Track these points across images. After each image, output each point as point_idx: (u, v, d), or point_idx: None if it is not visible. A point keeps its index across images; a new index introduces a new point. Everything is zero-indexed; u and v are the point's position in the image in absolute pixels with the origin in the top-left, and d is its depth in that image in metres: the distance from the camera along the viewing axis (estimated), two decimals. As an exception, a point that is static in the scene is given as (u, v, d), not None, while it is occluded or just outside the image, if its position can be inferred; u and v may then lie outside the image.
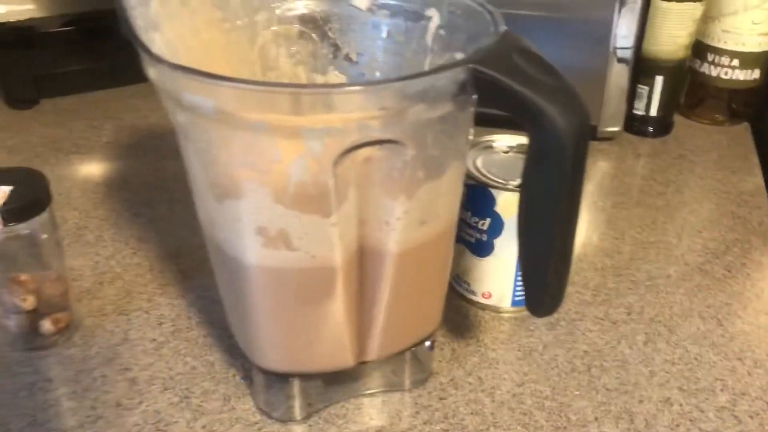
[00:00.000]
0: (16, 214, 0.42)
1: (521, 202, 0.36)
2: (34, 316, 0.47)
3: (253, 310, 0.38)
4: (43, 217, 0.44)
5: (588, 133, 0.33)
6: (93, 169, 0.68)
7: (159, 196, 0.64)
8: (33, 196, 0.43)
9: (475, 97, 0.33)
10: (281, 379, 0.41)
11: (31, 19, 0.78)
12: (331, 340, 0.39)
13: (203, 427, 0.42)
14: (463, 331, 0.49)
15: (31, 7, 0.76)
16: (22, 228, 0.43)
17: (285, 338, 0.39)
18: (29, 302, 0.46)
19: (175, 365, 0.46)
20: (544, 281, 0.37)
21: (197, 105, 0.31)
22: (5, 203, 0.42)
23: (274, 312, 0.38)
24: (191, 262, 0.56)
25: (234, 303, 0.40)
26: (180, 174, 0.66)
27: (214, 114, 0.31)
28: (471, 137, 0.38)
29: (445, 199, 0.37)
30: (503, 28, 0.35)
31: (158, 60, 0.31)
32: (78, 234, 0.58)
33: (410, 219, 0.36)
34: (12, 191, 0.43)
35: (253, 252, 0.35)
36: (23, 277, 0.46)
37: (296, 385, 0.42)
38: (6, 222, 0.42)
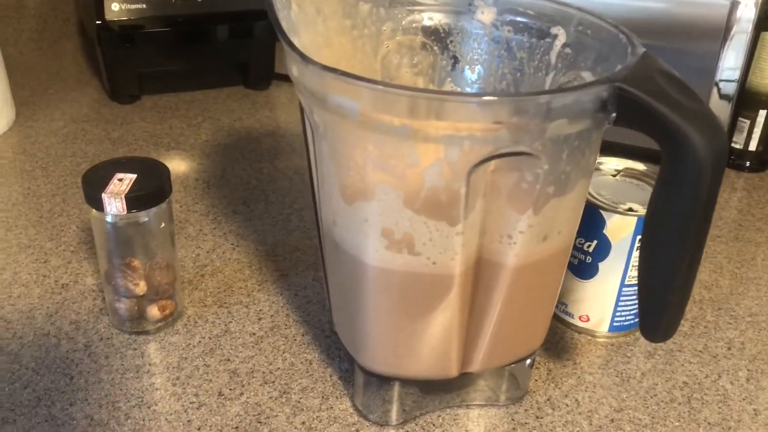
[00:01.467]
0: (139, 202, 0.44)
1: (647, 224, 0.35)
2: (143, 301, 0.48)
3: (366, 310, 0.38)
4: (163, 207, 0.46)
5: (725, 161, 0.33)
6: (192, 165, 0.70)
7: (255, 196, 0.65)
8: (155, 185, 0.45)
9: (613, 115, 0.33)
10: (382, 381, 0.42)
11: (139, 18, 0.81)
12: (438, 348, 0.39)
13: (302, 423, 0.43)
14: (558, 352, 0.49)
15: (142, 6, 0.79)
16: (142, 216, 0.45)
17: (393, 341, 0.40)
18: (140, 287, 0.47)
19: (275, 360, 0.47)
20: (663, 306, 0.36)
21: (342, 106, 0.32)
22: (130, 191, 0.44)
23: (386, 314, 0.38)
24: (288, 262, 0.57)
25: (345, 301, 0.41)
26: (275, 176, 0.68)
27: (357, 116, 0.32)
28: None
29: (568, 215, 0.37)
30: (642, 49, 0.35)
31: (308, 61, 0.32)
32: (180, 227, 0.60)
33: (533, 233, 0.36)
34: (136, 179, 0.45)
35: (375, 253, 0.36)
36: (136, 262, 0.48)
37: (396, 389, 0.42)
38: (129, 208, 0.44)
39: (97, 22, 0.77)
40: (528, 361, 0.44)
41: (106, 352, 0.47)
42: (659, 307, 0.37)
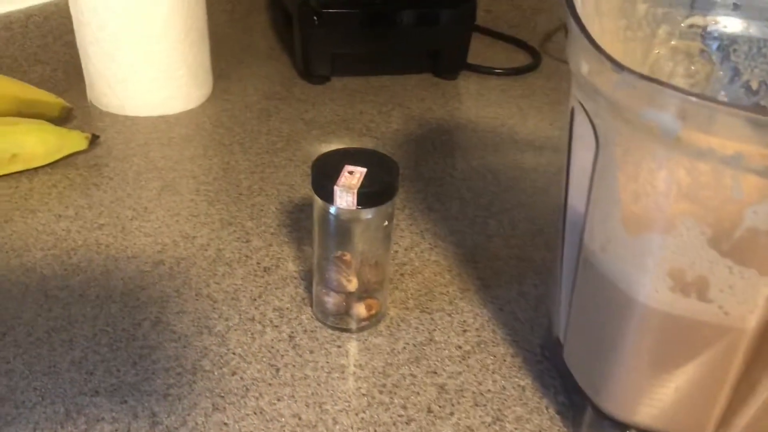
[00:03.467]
0: (369, 199, 0.42)
1: None
2: (350, 298, 0.46)
3: (622, 352, 0.34)
4: (389, 205, 0.43)
5: None
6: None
7: (449, 193, 0.62)
8: (386, 182, 0.42)
9: None
10: (617, 428, 0.37)
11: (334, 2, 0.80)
12: (697, 405, 0.34)
13: (520, 458, 0.39)
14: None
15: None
16: (368, 212, 0.43)
17: (646, 389, 0.35)
18: (353, 284, 0.45)
19: (484, 381, 0.44)
20: None
21: (655, 122, 0.28)
22: (361, 185, 0.41)
23: (647, 360, 0.34)
24: (489, 271, 0.53)
25: (593, 336, 0.36)
26: (469, 174, 0.64)
27: (674, 136, 0.27)
28: None
29: None
30: None
31: (621, 67, 0.28)
32: (375, 219, 0.58)
33: None
34: (366, 173, 0.42)
35: (654, 293, 0.31)
36: (348, 256, 0.46)
37: (630, 438, 0.37)
38: (358, 204, 0.41)
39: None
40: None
41: (311, 346, 0.46)
42: None
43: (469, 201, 0.61)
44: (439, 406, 0.42)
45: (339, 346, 0.46)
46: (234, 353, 0.45)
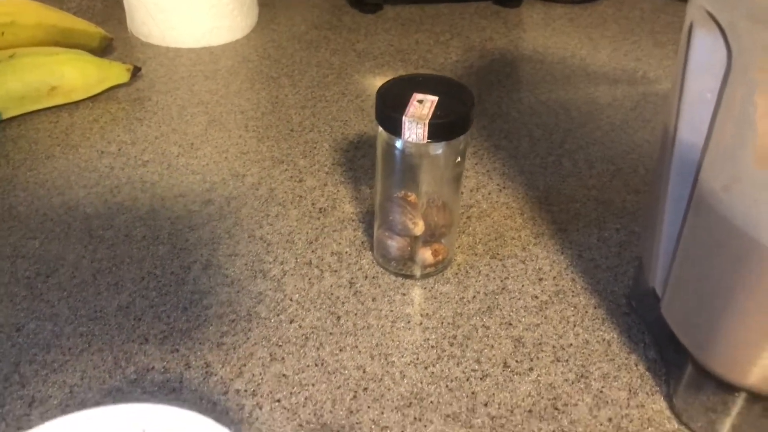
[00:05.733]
0: (441, 131, 0.37)
1: None
2: (416, 242, 0.42)
3: (739, 304, 0.30)
4: (462, 140, 0.39)
5: None
6: (442, 87, 0.63)
7: (518, 130, 0.57)
8: (460, 113, 0.37)
9: None
10: (723, 389, 0.33)
11: None
12: (826, 367, 0.30)
13: (609, 419, 0.35)
14: None
15: None
16: (438, 147, 0.38)
17: (762, 346, 0.30)
18: (419, 227, 0.41)
19: (565, 334, 0.40)
20: None
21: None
22: (432, 116, 0.37)
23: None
24: (565, 214, 0.48)
25: (703, 285, 0.32)
26: (538, 109, 0.58)
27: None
28: None
29: None
30: None
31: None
32: (437, 157, 0.54)
33: None
34: (438, 102, 0.37)
35: (790, 239, 0.26)
36: (413, 197, 0.41)
37: (739, 403, 0.33)
38: (429, 137, 0.37)
39: None
40: None
41: (372, 293, 0.42)
42: None
43: (540, 138, 0.56)
44: (517, 361, 0.38)
45: (404, 294, 0.42)
46: (291, 299, 0.41)
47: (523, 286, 0.43)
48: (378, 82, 0.61)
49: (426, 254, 0.43)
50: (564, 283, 0.43)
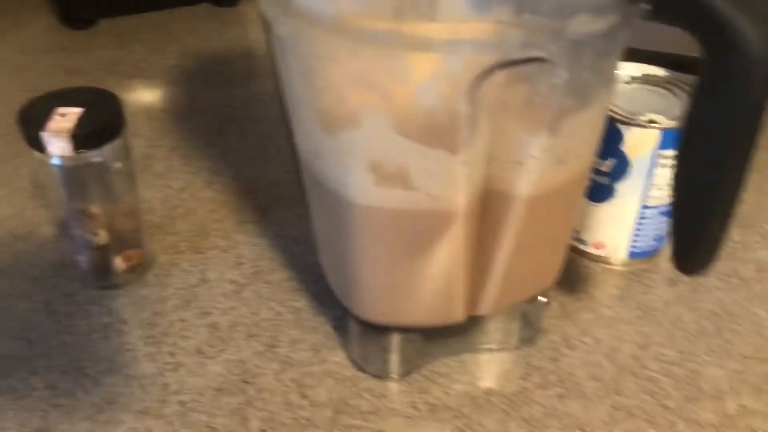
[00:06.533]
0: (89, 140, 0.38)
1: (684, 139, 0.30)
2: (106, 252, 0.43)
3: (356, 255, 0.33)
4: (117, 143, 0.40)
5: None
6: (157, 94, 0.64)
7: (229, 126, 0.59)
8: (106, 119, 0.39)
9: (647, 7, 0.27)
10: (379, 331, 0.37)
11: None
12: (441, 292, 0.34)
13: (292, 380, 0.38)
14: (572, 284, 0.44)
15: None
16: (95, 155, 0.39)
17: (390, 288, 0.35)
18: (101, 237, 0.42)
19: (259, 310, 0.42)
20: (702, 233, 0.31)
21: (311, 9, 0.26)
22: (76, 127, 0.37)
23: (380, 258, 0.33)
24: (268, 198, 0.51)
25: (333, 245, 0.35)
26: (250, 103, 0.61)
27: (331, 21, 0.26)
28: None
29: (588, 135, 0.32)
30: None
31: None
32: (145, 164, 0.54)
33: (547, 158, 0.30)
34: (83, 114, 0.38)
35: (362, 190, 0.30)
36: (94, 209, 0.42)
37: (395, 340, 0.37)
38: (77, 148, 0.38)
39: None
40: (542, 298, 0.39)
41: (69, 310, 0.42)
42: (697, 233, 0.31)
43: (250, 131, 0.59)
44: (210, 346, 0.40)
45: (102, 305, 0.43)
46: (-20, 334, 0.41)
47: (222, 274, 0.45)
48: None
49: (119, 262, 0.43)
50: (263, 264, 0.46)
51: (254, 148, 0.56)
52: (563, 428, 0.36)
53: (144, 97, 0.63)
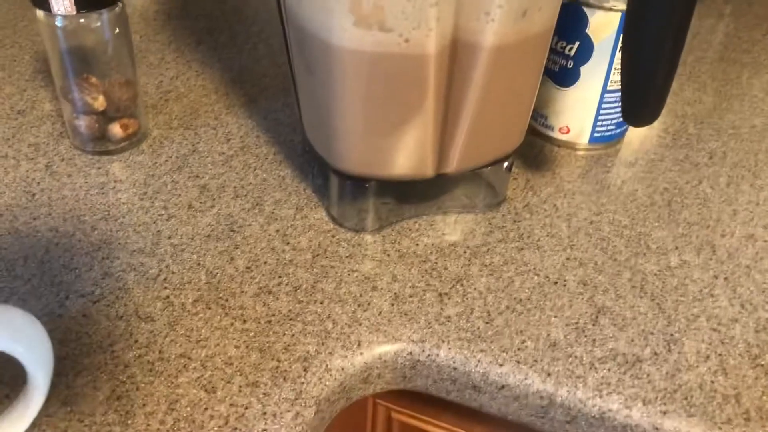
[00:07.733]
0: (89, 1, 0.41)
1: (630, 2, 0.33)
2: (104, 118, 0.46)
3: (336, 102, 0.36)
4: (116, 10, 0.42)
5: None
6: (151, -1, 0.66)
7: (220, 26, 0.62)
8: (106, -16, 0.41)
9: None
10: (357, 188, 0.40)
11: None
12: (413, 143, 0.38)
13: (277, 231, 0.42)
14: (537, 164, 0.48)
15: None
16: (94, 19, 0.42)
17: (367, 134, 0.38)
18: (99, 102, 0.45)
19: (246, 176, 0.46)
20: (648, 86, 0.35)
21: None
22: (78, -11, 0.40)
23: (358, 102, 0.36)
24: (256, 88, 0.54)
25: (314, 99, 0.38)
26: (239, 6, 0.64)
27: None
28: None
29: (549, -11, 0.35)
30: None
31: None
32: (140, 56, 0.57)
33: (512, 7, 0.33)
34: (84, -22, 0.41)
35: (342, 32, 0.33)
36: (93, 79, 0.45)
37: (371, 196, 0.41)
38: (78, 8, 0.40)
39: None
40: (505, 165, 0.43)
41: (68, 171, 0.45)
42: (644, 88, 0.35)
43: (240, 31, 0.61)
44: (200, 203, 0.43)
45: (99, 168, 0.46)
46: (-15, 188, 0.44)
47: (212, 146, 0.48)
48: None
49: (115, 129, 0.46)
50: (249, 140, 0.49)
51: (244, 45, 0.59)
52: (519, 273, 0.39)
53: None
